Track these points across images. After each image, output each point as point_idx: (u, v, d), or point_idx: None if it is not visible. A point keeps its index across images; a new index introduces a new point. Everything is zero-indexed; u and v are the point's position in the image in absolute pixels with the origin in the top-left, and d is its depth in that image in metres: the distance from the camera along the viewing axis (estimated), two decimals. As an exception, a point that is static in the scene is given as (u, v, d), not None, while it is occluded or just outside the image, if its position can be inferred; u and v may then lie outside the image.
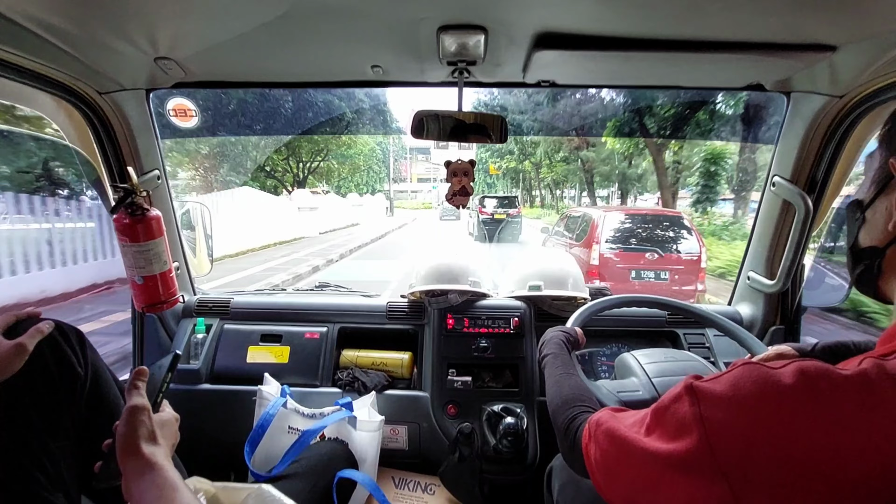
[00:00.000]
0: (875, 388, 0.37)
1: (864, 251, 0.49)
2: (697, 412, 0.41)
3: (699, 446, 0.40)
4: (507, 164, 24.39)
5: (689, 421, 0.42)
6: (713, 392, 0.42)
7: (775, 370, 0.40)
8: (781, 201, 1.30)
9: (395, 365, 1.44)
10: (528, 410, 1.34)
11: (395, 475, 1.37)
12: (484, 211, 12.49)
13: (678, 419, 0.43)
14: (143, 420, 0.62)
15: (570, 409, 0.72)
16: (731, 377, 0.42)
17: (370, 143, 22.01)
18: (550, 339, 0.99)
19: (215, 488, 0.87)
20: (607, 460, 0.53)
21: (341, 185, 24.93)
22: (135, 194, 1.16)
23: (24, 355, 0.71)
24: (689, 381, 0.44)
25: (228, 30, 0.90)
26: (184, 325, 1.51)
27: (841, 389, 0.37)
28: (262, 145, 15.61)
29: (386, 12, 0.84)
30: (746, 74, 1.11)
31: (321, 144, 18.55)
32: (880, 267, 0.47)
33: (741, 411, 0.39)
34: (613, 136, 10.80)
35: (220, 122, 11.49)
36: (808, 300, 1.40)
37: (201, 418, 1.34)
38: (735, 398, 0.40)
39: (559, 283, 1.47)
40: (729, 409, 0.40)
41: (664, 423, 0.45)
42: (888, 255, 0.46)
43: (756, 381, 0.40)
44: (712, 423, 0.40)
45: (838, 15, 0.79)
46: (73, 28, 0.85)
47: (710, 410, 0.41)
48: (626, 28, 0.88)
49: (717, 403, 0.41)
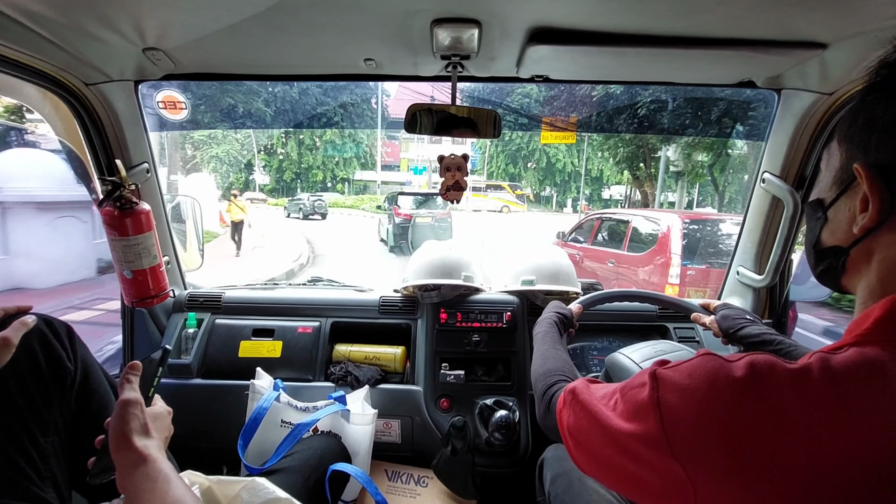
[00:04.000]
0: (814, 383, 0.39)
1: (828, 250, 0.49)
2: (655, 397, 0.44)
3: (656, 429, 0.43)
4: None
5: (647, 404, 0.44)
6: (672, 379, 0.44)
7: (729, 363, 0.42)
8: (771, 197, 1.32)
9: (388, 359, 1.45)
10: (520, 404, 1.35)
11: (388, 468, 1.38)
12: (400, 212, 9.65)
13: (639, 401, 0.46)
14: (135, 413, 0.62)
15: (551, 377, 0.79)
16: (689, 366, 0.44)
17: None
18: (544, 318, 1.05)
19: (209, 481, 0.87)
20: (579, 428, 0.56)
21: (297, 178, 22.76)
22: (123, 187, 1.15)
23: (10, 349, 0.70)
24: (653, 368, 0.47)
25: (219, 20, 0.89)
26: (174, 319, 1.50)
27: (783, 383, 0.39)
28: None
29: (379, 5, 0.83)
30: (738, 71, 1.11)
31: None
32: (844, 265, 0.48)
33: (693, 399, 0.42)
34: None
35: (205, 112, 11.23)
36: (795, 295, 1.43)
37: (193, 413, 1.33)
38: (689, 387, 0.42)
39: (552, 278, 1.48)
40: (683, 397, 0.42)
41: (628, 403, 0.48)
42: (852, 255, 0.47)
43: (710, 371, 0.42)
44: (668, 408, 0.43)
45: (829, 13, 0.80)
46: (59, 17, 0.83)
47: (667, 395, 0.43)
48: (619, 24, 0.88)
49: (673, 390, 0.43)
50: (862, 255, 0.46)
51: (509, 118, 16.87)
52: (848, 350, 0.41)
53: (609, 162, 18.90)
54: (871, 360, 0.39)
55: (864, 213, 0.43)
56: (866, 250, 0.45)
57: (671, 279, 4.21)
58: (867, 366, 0.39)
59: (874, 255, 0.44)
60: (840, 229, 0.47)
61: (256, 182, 23.32)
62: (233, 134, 18.28)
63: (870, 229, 0.43)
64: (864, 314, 0.43)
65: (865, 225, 0.43)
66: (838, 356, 0.40)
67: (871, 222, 0.43)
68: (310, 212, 16.38)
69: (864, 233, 0.44)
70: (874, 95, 0.43)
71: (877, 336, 0.40)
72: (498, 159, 24.27)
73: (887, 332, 0.40)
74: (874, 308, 0.42)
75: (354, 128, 20.55)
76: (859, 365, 0.39)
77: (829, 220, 0.49)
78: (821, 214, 0.50)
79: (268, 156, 23.48)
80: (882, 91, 0.43)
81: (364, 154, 24.36)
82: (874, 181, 0.42)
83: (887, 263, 0.43)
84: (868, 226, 0.43)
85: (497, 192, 20.24)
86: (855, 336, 0.42)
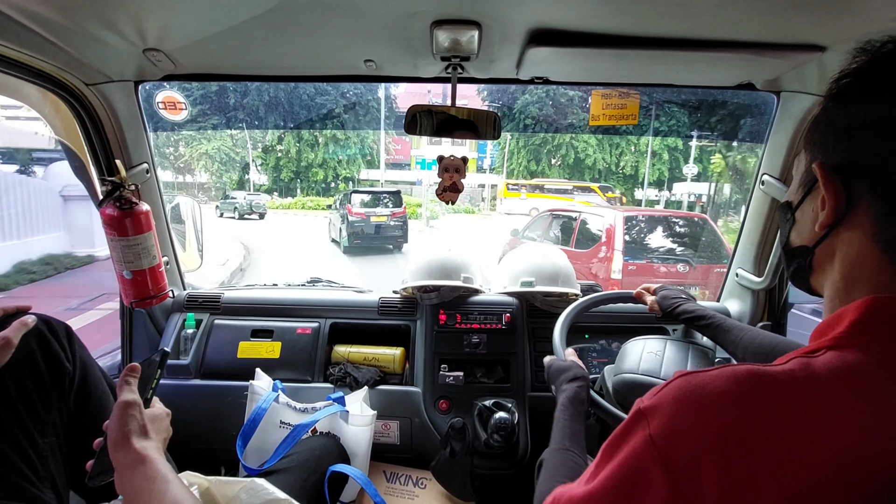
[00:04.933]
0: (798, 388, 0.39)
1: (796, 250, 0.51)
2: (647, 435, 0.41)
3: (655, 469, 0.40)
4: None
5: (640, 446, 0.41)
6: (659, 410, 0.42)
7: (709, 380, 0.40)
8: (770, 199, 1.32)
9: (388, 360, 1.45)
10: (519, 405, 1.35)
11: (386, 469, 1.38)
12: (354, 211, 9.28)
13: (631, 446, 0.42)
14: (133, 415, 0.62)
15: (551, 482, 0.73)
16: (669, 393, 0.42)
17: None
18: (572, 393, 0.91)
19: (208, 482, 0.87)
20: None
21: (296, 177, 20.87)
22: (123, 188, 1.15)
23: (9, 349, 0.70)
24: (636, 407, 0.44)
25: (219, 22, 0.89)
26: (173, 320, 1.50)
27: (768, 391, 0.39)
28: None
29: (379, 6, 0.83)
30: (737, 73, 1.12)
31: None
32: (811, 265, 0.50)
33: (687, 425, 0.39)
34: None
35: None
36: (794, 297, 1.43)
37: (192, 414, 1.33)
38: (678, 412, 0.40)
39: (551, 280, 1.48)
40: (676, 425, 0.40)
41: (616, 454, 0.44)
42: (817, 254, 0.48)
43: (692, 391, 0.41)
44: (663, 443, 0.40)
45: (828, 16, 0.80)
46: (59, 17, 0.83)
47: (658, 429, 0.41)
48: (619, 26, 0.88)
49: (663, 422, 0.41)
50: (826, 253, 0.47)
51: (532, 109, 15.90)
52: (826, 353, 0.41)
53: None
54: (851, 364, 0.39)
55: (824, 212, 0.45)
56: (829, 249, 0.47)
57: (613, 274, 4.42)
58: (848, 370, 0.39)
59: (836, 252, 0.46)
60: (806, 229, 0.50)
61: (252, 182, 21.49)
62: (225, 129, 17.57)
63: (829, 226, 0.45)
64: (837, 316, 0.44)
65: (824, 222, 0.45)
66: (818, 360, 0.40)
67: (828, 219, 0.45)
68: (246, 211, 14.93)
69: (825, 230, 0.46)
70: (834, 102, 0.46)
71: (854, 339, 0.41)
72: (519, 156, 21.43)
73: (864, 336, 0.41)
74: (847, 310, 0.43)
75: (359, 124, 18.91)
76: (840, 369, 0.39)
77: (796, 222, 0.51)
78: (790, 216, 0.52)
79: (264, 153, 21.84)
80: (840, 97, 0.45)
81: (370, 151, 22.51)
82: (829, 179, 0.44)
83: (848, 260, 0.45)
84: (826, 222, 0.45)
85: (585, 194, 16.82)
86: (832, 339, 0.42)
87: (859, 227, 0.43)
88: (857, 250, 0.44)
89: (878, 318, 0.41)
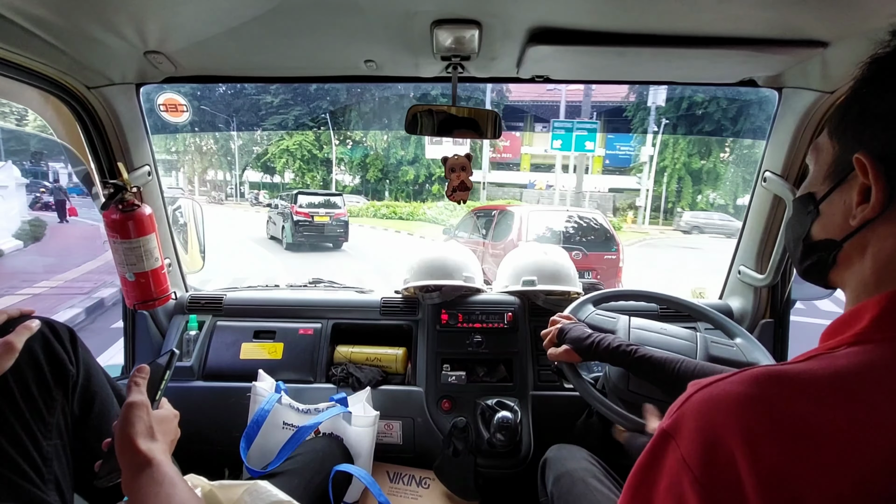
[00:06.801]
0: (822, 387, 0.38)
1: (819, 244, 0.49)
2: (680, 457, 0.39)
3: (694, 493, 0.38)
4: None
5: (675, 471, 0.39)
6: (684, 427, 0.40)
7: (729, 387, 0.39)
8: (772, 196, 1.32)
9: (390, 360, 1.45)
10: (521, 404, 1.35)
11: (389, 470, 1.38)
12: (300, 211, 9.85)
13: (665, 472, 0.41)
14: (141, 416, 0.62)
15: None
16: (692, 409, 0.41)
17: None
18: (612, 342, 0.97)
19: (211, 485, 0.87)
20: None
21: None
22: (125, 190, 1.15)
23: (14, 353, 0.71)
24: (660, 428, 0.43)
25: (220, 23, 0.89)
26: (176, 321, 1.50)
27: (793, 392, 0.38)
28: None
29: (379, 6, 0.83)
30: (739, 70, 1.11)
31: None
32: (835, 259, 0.48)
33: (715, 436, 0.38)
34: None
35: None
36: (796, 294, 1.42)
37: (195, 416, 1.32)
38: (704, 427, 0.39)
39: (553, 279, 1.48)
40: (704, 441, 0.38)
41: (652, 482, 0.42)
42: (845, 248, 0.46)
43: (714, 402, 0.40)
44: (695, 462, 0.38)
45: (830, 11, 0.79)
46: (61, 21, 0.83)
47: (688, 449, 0.39)
48: (620, 23, 0.88)
49: (692, 439, 0.39)
50: (856, 248, 0.45)
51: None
52: (847, 349, 0.40)
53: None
54: (874, 360, 0.38)
55: (862, 205, 0.43)
56: (861, 243, 0.45)
57: None
58: (871, 365, 0.38)
59: (868, 247, 0.44)
60: (833, 223, 0.47)
61: (334, 181, 18.93)
62: (308, 121, 16.14)
63: (868, 220, 0.43)
64: (857, 311, 0.43)
65: (866, 216, 0.43)
66: (840, 355, 0.40)
67: (872, 213, 0.43)
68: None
69: (862, 224, 0.44)
70: (867, 88, 0.44)
71: (876, 334, 0.40)
72: (676, 149, 16.31)
73: (886, 330, 0.40)
74: (868, 304, 0.42)
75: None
76: (863, 365, 0.38)
77: (821, 214, 0.49)
78: (812, 208, 0.50)
79: (349, 149, 19.60)
80: (874, 83, 0.43)
81: (473, 147, 18.37)
82: (878, 171, 0.42)
83: (883, 255, 0.43)
84: (869, 216, 0.43)
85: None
86: (853, 335, 0.41)
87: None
88: (892, 245, 0.42)
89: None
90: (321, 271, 7.46)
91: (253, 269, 8.22)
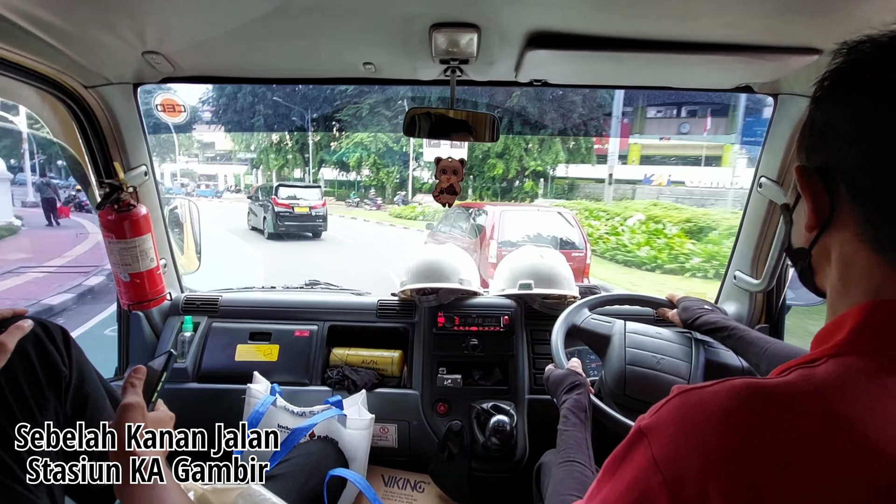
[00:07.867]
0: (802, 401, 0.37)
1: (796, 252, 0.51)
2: (651, 457, 0.40)
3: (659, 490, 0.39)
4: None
5: (645, 468, 0.40)
6: (660, 430, 0.41)
7: (707, 397, 0.40)
8: (767, 202, 1.32)
9: (386, 363, 1.44)
10: (517, 408, 1.35)
11: (384, 473, 1.37)
12: (280, 202, 10.35)
13: (634, 467, 0.42)
14: (135, 418, 0.62)
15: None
16: (669, 413, 0.41)
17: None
18: (573, 403, 0.91)
19: (204, 488, 0.87)
20: None
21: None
22: (121, 190, 1.14)
23: (6, 354, 0.70)
24: (636, 425, 0.43)
25: (218, 24, 0.89)
26: (171, 322, 1.49)
27: (771, 407, 0.38)
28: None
29: (378, 9, 0.83)
30: (735, 76, 1.12)
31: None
32: (811, 266, 0.49)
33: (689, 447, 0.38)
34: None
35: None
36: (791, 299, 1.43)
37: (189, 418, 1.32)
38: (679, 433, 0.39)
39: (549, 282, 1.48)
40: (678, 447, 0.39)
41: (620, 472, 0.43)
42: (814, 255, 0.48)
43: (691, 411, 0.40)
44: (667, 466, 0.39)
45: (824, 19, 0.80)
46: (58, 20, 0.83)
47: (661, 451, 0.40)
48: (618, 28, 0.88)
49: (665, 443, 0.40)
50: (822, 254, 0.47)
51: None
52: (828, 361, 0.40)
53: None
54: (855, 372, 0.38)
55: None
56: (824, 250, 0.46)
57: (490, 258, 5.48)
58: (852, 378, 0.38)
59: (831, 253, 0.46)
60: (801, 231, 0.49)
61: (411, 178, 16.93)
62: (384, 111, 13.96)
63: (815, 228, 0.45)
64: (837, 322, 0.43)
65: (808, 224, 0.46)
66: (819, 369, 0.39)
67: (810, 221, 0.45)
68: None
69: (812, 231, 0.46)
70: (814, 104, 0.46)
71: (856, 346, 0.40)
72: None
73: (866, 342, 0.40)
74: (847, 315, 0.42)
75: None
76: (844, 377, 0.38)
77: (794, 223, 0.52)
78: (788, 218, 0.52)
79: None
80: (818, 100, 0.46)
81: (574, 136, 15.67)
82: (805, 181, 0.45)
83: (843, 261, 0.44)
84: (809, 225, 0.45)
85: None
86: (833, 346, 0.41)
87: (847, 228, 0.43)
88: (848, 251, 0.43)
89: (880, 321, 0.40)
90: (299, 257, 7.84)
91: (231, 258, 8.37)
